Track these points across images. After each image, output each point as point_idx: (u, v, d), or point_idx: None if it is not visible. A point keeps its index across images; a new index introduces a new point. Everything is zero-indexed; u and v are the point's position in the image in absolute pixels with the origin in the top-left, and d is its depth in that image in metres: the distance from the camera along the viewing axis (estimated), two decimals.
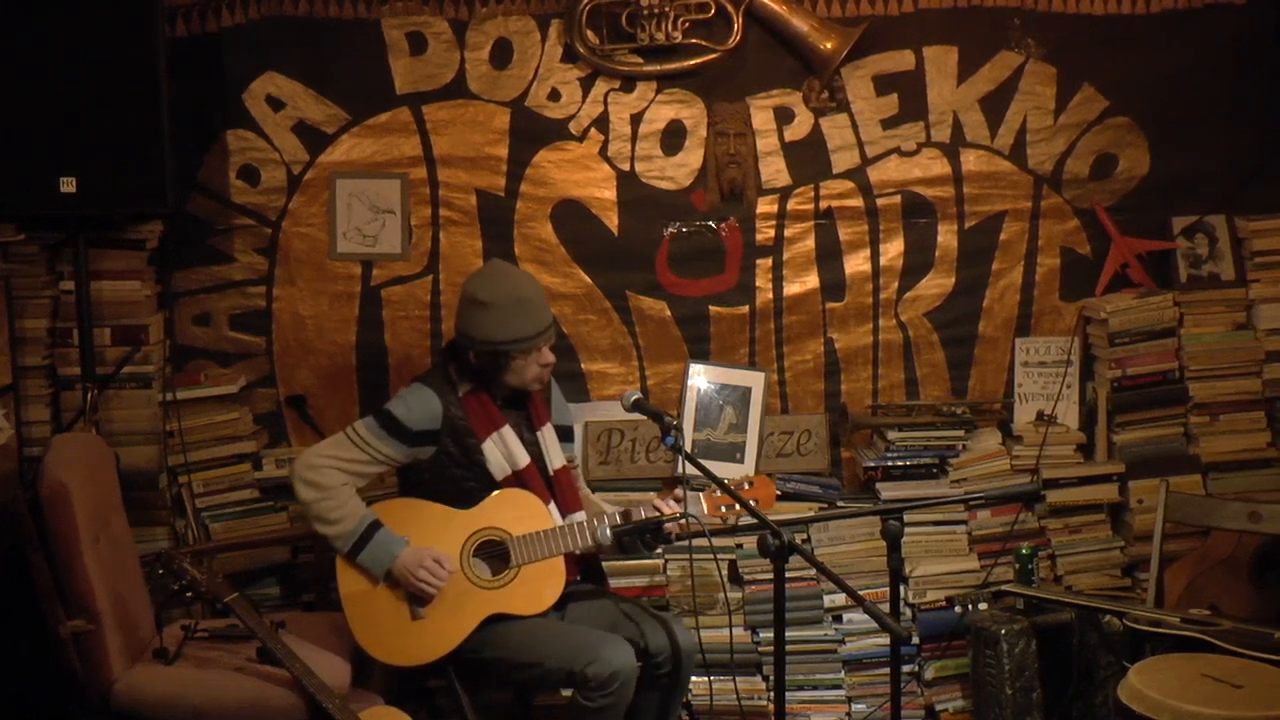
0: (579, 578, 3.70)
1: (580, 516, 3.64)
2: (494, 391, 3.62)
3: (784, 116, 4.44)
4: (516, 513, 3.57)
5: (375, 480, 3.76)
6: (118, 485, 3.78)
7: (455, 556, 3.51)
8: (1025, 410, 4.51)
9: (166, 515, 4.20)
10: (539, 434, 3.70)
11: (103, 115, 3.81)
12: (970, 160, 4.47)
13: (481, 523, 3.56)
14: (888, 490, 4.35)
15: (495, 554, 3.55)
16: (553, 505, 3.63)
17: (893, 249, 4.50)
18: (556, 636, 3.47)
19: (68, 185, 3.79)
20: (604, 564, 3.86)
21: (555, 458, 3.71)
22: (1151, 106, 4.45)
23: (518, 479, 3.59)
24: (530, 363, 3.57)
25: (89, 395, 3.98)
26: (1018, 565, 4.20)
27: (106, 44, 3.80)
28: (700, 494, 3.61)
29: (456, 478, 3.58)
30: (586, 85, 4.39)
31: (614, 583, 4.02)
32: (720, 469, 3.94)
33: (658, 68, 4.36)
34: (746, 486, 3.64)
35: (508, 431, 3.61)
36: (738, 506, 3.55)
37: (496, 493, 3.57)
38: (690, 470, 3.38)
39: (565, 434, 3.83)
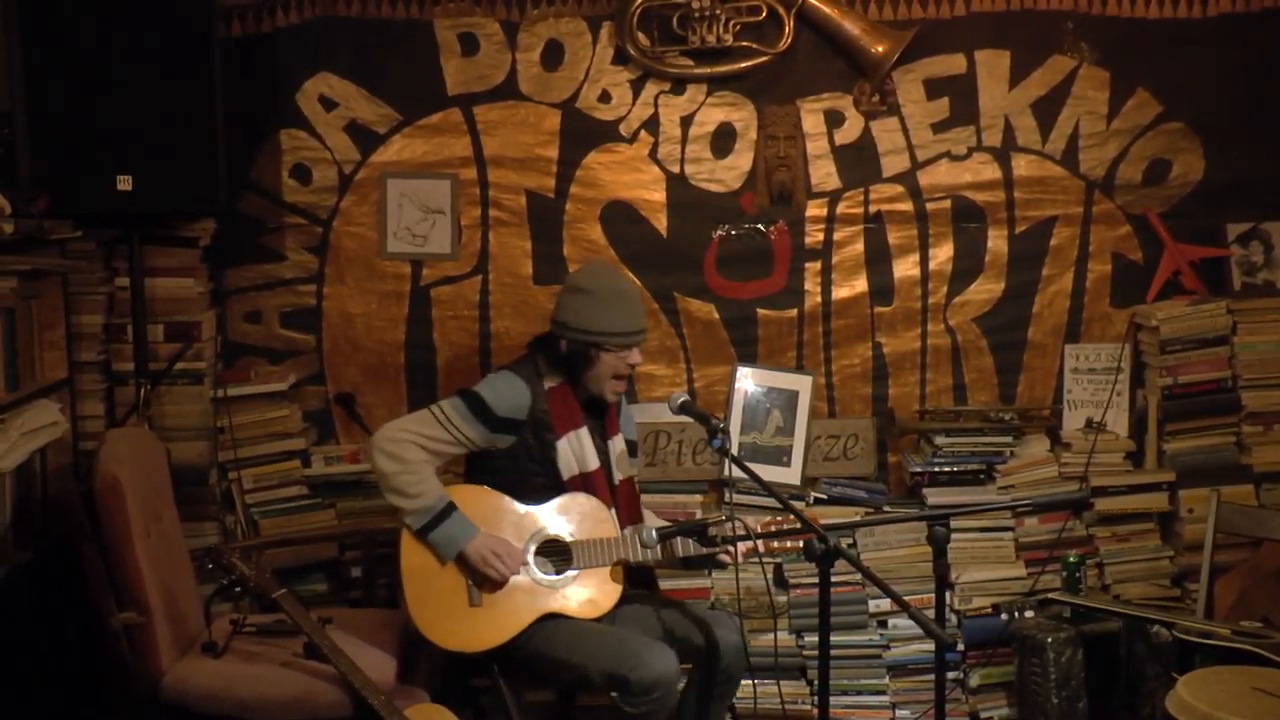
0: (631, 588, 3.70)
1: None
2: (578, 391, 3.63)
3: (834, 120, 4.44)
4: (581, 516, 3.58)
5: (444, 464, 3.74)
6: (169, 480, 3.81)
7: (520, 551, 3.54)
8: (1074, 417, 4.49)
9: (216, 510, 4.22)
10: (610, 443, 3.72)
11: (158, 114, 3.82)
12: (1021, 165, 4.46)
13: (548, 522, 3.58)
14: (934, 496, 4.36)
15: (558, 554, 3.57)
16: (614, 516, 3.64)
17: (942, 253, 4.50)
18: (603, 640, 3.47)
19: (124, 184, 3.81)
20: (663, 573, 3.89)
21: (622, 469, 3.73)
22: (1206, 111, 4.42)
23: (584, 482, 3.61)
24: (617, 361, 3.58)
25: (142, 391, 4.01)
26: (1065, 573, 4.18)
27: (163, 44, 3.82)
28: (756, 523, 3.60)
29: (528, 472, 3.59)
30: (637, 87, 4.41)
31: (666, 585, 4.03)
32: (766, 472, 4.00)
33: (708, 70, 4.37)
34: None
35: (584, 433, 3.62)
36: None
37: (566, 495, 3.59)
38: (736, 473, 3.37)
39: (631, 448, 3.85)
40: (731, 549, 3.53)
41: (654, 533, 3.49)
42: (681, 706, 3.51)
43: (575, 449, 3.61)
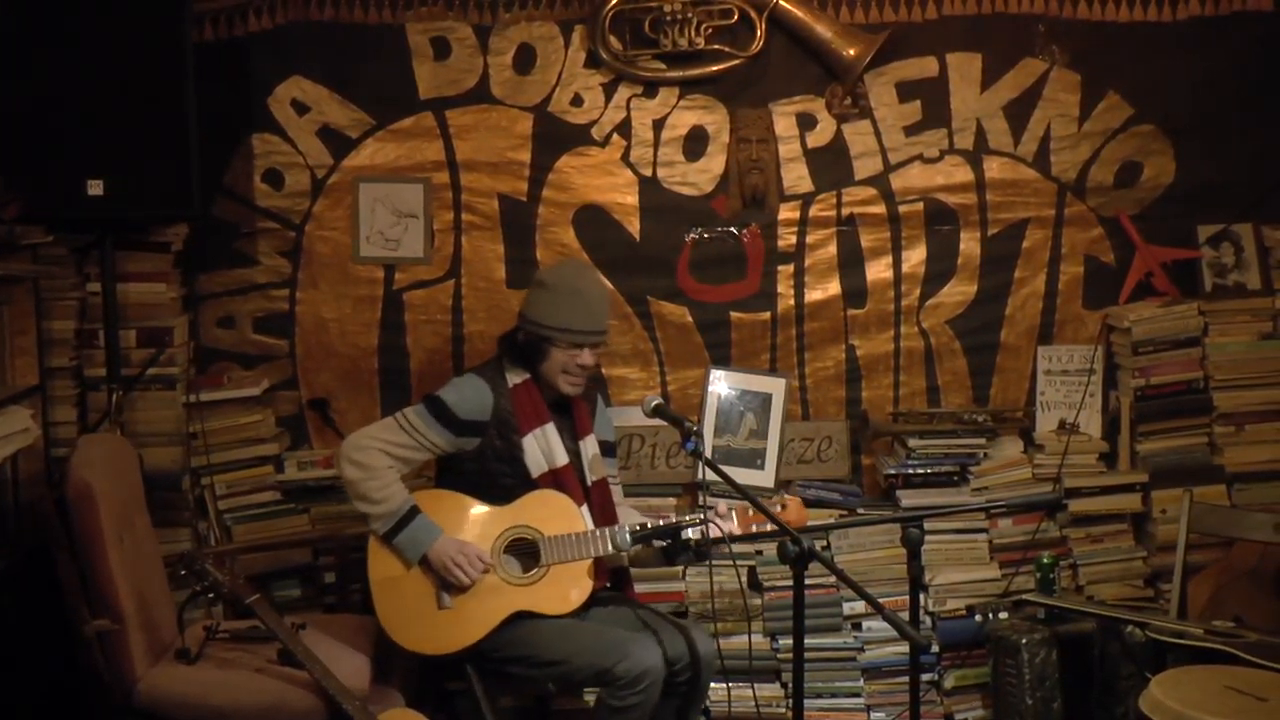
0: (608, 584, 3.72)
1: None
2: (543, 388, 3.66)
3: (806, 123, 4.45)
4: (549, 513, 3.60)
5: (414, 469, 3.76)
6: (142, 486, 3.80)
7: (487, 551, 3.55)
8: (1047, 419, 4.51)
9: (189, 516, 4.21)
10: (581, 443, 3.73)
11: (131, 119, 3.81)
12: (993, 167, 4.48)
13: (514, 520, 3.59)
14: (908, 498, 4.36)
15: (526, 552, 3.58)
16: (586, 512, 3.65)
17: (915, 256, 4.52)
18: (585, 635, 3.49)
19: (95, 188, 3.80)
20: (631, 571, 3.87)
21: (595, 469, 3.74)
22: (1177, 114, 4.44)
23: (554, 479, 3.63)
24: (567, 359, 3.60)
25: (114, 397, 3.98)
26: (1039, 574, 4.18)
27: (135, 48, 3.81)
28: (733, 510, 3.61)
29: (495, 472, 3.61)
30: (609, 91, 4.41)
31: (638, 588, 3.99)
32: (740, 475, 4.02)
33: (680, 73, 4.38)
34: (779, 509, 3.58)
35: (550, 430, 3.65)
36: (755, 513, 3.55)
37: (532, 492, 3.61)
38: (710, 476, 3.36)
39: (608, 449, 3.86)
40: (700, 523, 3.53)
41: (628, 535, 3.52)
42: (655, 711, 3.50)
43: (542, 445, 3.62)
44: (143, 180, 3.85)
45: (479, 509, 3.61)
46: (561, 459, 3.64)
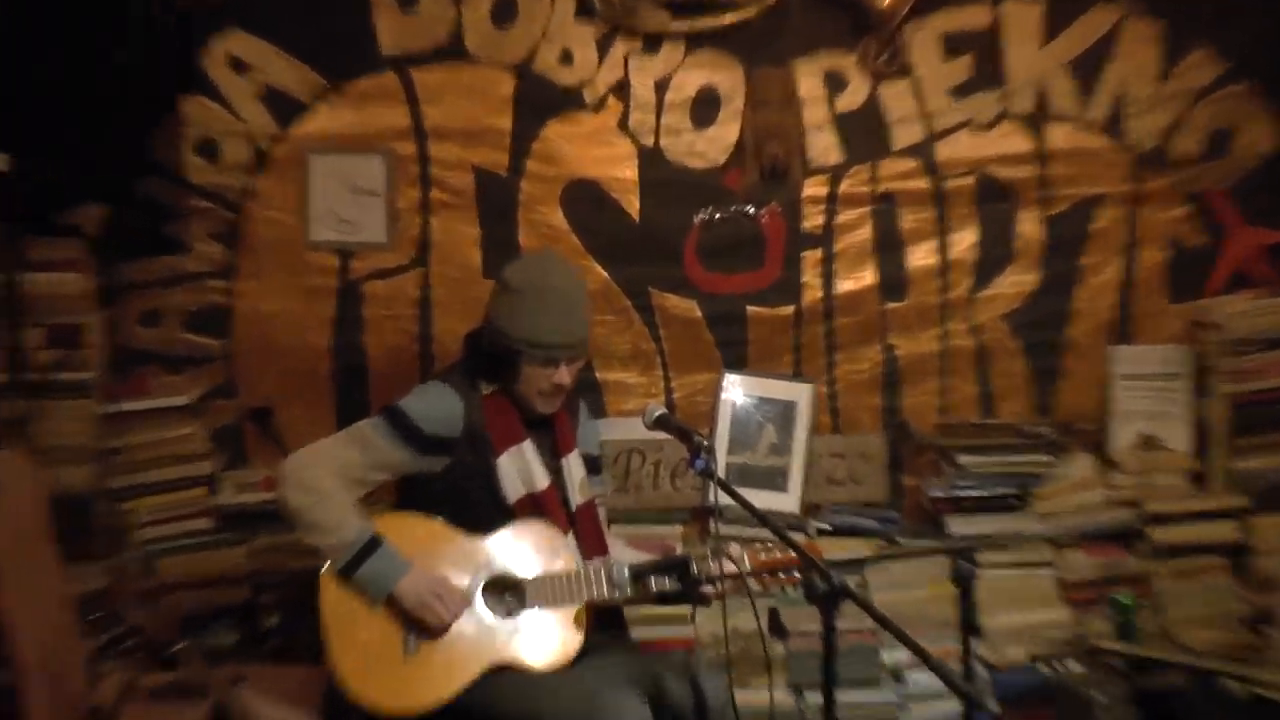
0: (600, 626, 3.67)
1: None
2: (515, 400, 3.61)
3: (835, 83, 4.46)
4: (536, 547, 3.55)
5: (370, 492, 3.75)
6: (47, 512, 3.71)
7: (465, 589, 3.50)
8: (1124, 431, 4.53)
9: (104, 548, 4.15)
10: (563, 460, 3.70)
11: (37, 82, 3.81)
12: (1057, 135, 4.50)
13: (495, 554, 3.54)
14: (958, 525, 4.39)
15: (509, 592, 3.54)
16: (573, 542, 3.62)
17: (964, 239, 4.54)
18: (564, 691, 3.42)
19: None
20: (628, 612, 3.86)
21: (579, 491, 3.70)
22: (1278, 71, 4.45)
23: (534, 504, 3.59)
24: (540, 376, 3.56)
25: (16, 406, 3.98)
26: (1116, 616, 4.22)
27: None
28: (744, 552, 3.57)
29: (468, 495, 3.56)
30: (604, 46, 4.42)
31: (638, 633, 4.01)
32: (759, 498, 3.92)
33: (688, 25, 4.38)
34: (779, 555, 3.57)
35: (528, 448, 3.60)
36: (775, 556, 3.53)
37: (516, 522, 3.56)
38: (724, 499, 3.31)
39: (593, 464, 3.83)
40: (717, 587, 3.50)
41: (625, 570, 3.48)
42: None
43: (519, 466, 3.58)
44: (52, 153, 3.83)
45: (455, 538, 3.55)
46: (542, 481, 3.60)
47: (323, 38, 4.37)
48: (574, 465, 3.69)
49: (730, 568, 3.50)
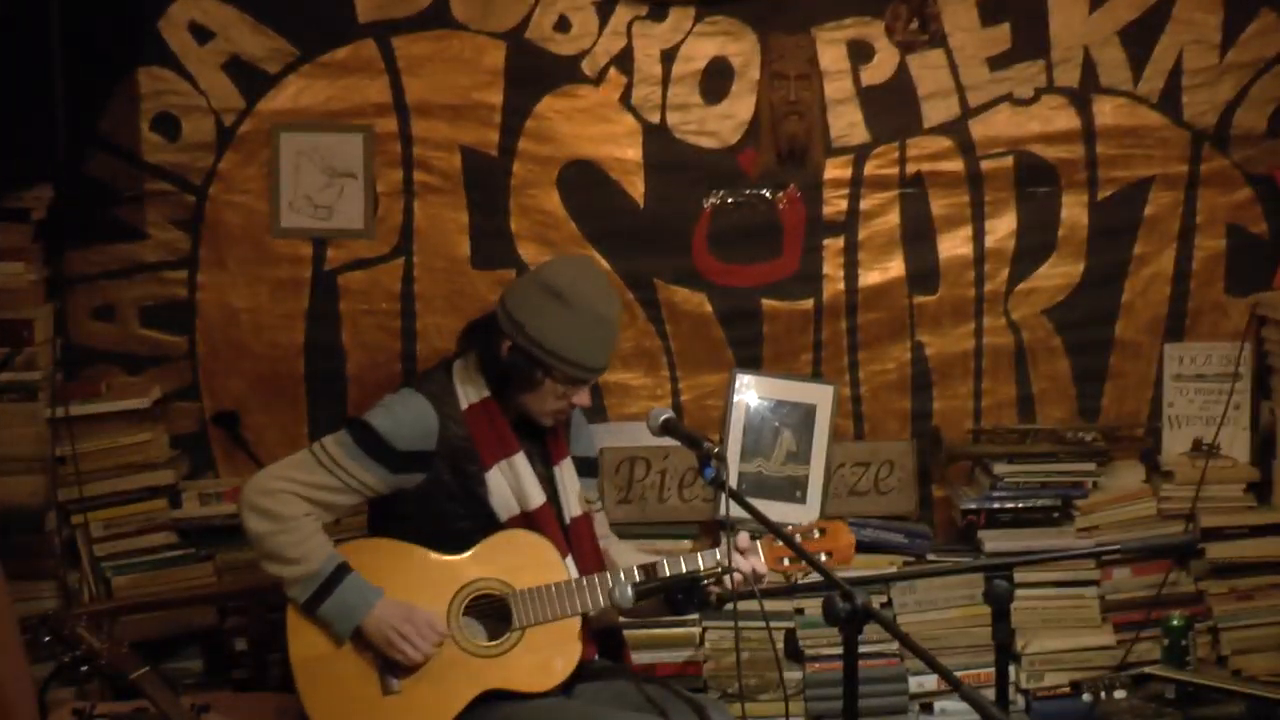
0: (596, 655, 3.66)
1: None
2: (507, 406, 3.57)
3: (860, 54, 4.45)
4: (519, 559, 3.52)
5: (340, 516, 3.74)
6: None
7: (443, 615, 3.47)
8: (1178, 438, 4.54)
9: (54, 565, 4.17)
10: (556, 469, 3.67)
11: None
12: (1106, 111, 4.49)
13: (475, 572, 3.51)
14: (993, 540, 4.38)
15: (492, 612, 3.51)
16: (571, 563, 3.59)
17: (1002, 226, 4.52)
18: (566, 717, 3.42)
19: None
20: (628, 633, 3.85)
21: (573, 503, 3.68)
22: None
23: (527, 522, 3.56)
24: (560, 395, 3.54)
25: None
26: (1167, 641, 4.21)
27: None
28: (758, 542, 3.55)
29: (447, 513, 3.54)
30: (604, 12, 4.40)
31: (640, 657, 4.02)
32: (775, 510, 4.00)
33: None
34: (816, 535, 3.54)
35: (520, 460, 3.57)
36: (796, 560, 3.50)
37: (497, 534, 3.54)
38: (736, 512, 3.26)
39: (586, 467, 3.80)
40: (723, 584, 3.44)
41: (629, 589, 3.37)
42: None
43: (511, 481, 3.55)
44: None
45: (428, 560, 3.52)
46: (537, 498, 3.57)
47: (294, 2, 4.33)
48: (567, 475, 3.66)
49: (739, 578, 3.42)
